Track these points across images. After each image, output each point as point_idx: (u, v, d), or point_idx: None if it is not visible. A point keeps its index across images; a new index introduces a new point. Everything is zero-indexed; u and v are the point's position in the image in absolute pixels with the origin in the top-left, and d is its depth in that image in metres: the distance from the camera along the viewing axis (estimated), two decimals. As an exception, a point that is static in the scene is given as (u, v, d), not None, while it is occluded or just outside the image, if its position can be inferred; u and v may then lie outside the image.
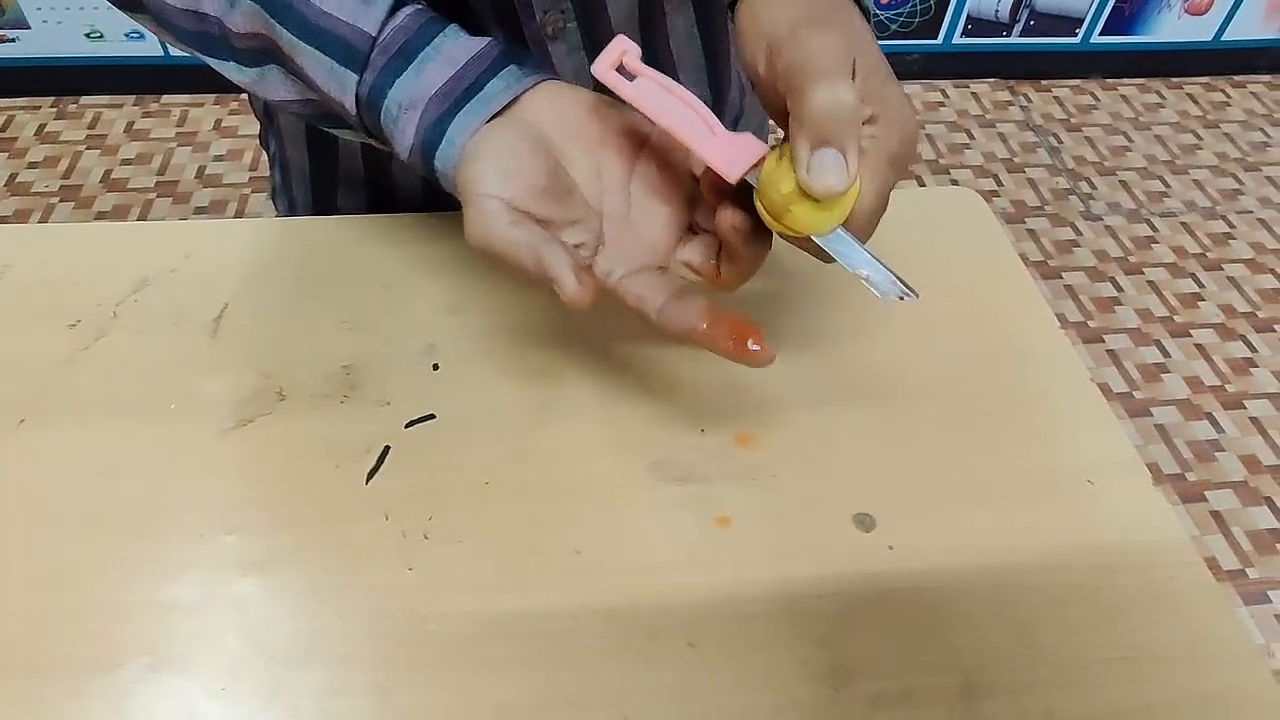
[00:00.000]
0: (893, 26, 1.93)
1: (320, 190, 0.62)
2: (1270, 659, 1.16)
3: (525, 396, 0.46)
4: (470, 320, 0.49)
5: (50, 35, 1.77)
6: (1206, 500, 1.32)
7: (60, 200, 1.66)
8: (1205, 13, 1.98)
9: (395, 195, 0.60)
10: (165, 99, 1.87)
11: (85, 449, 0.43)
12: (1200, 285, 1.63)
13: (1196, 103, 2.03)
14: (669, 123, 0.35)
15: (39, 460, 0.42)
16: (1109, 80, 2.07)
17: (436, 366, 0.47)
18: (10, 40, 1.77)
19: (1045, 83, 2.05)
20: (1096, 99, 2.03)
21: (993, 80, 2.05)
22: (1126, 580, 0.40)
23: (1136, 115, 1.99)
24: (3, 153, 1.74)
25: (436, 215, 0.54)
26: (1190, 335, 1.55)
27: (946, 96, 2.01)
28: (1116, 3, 1.94)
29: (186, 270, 0.51)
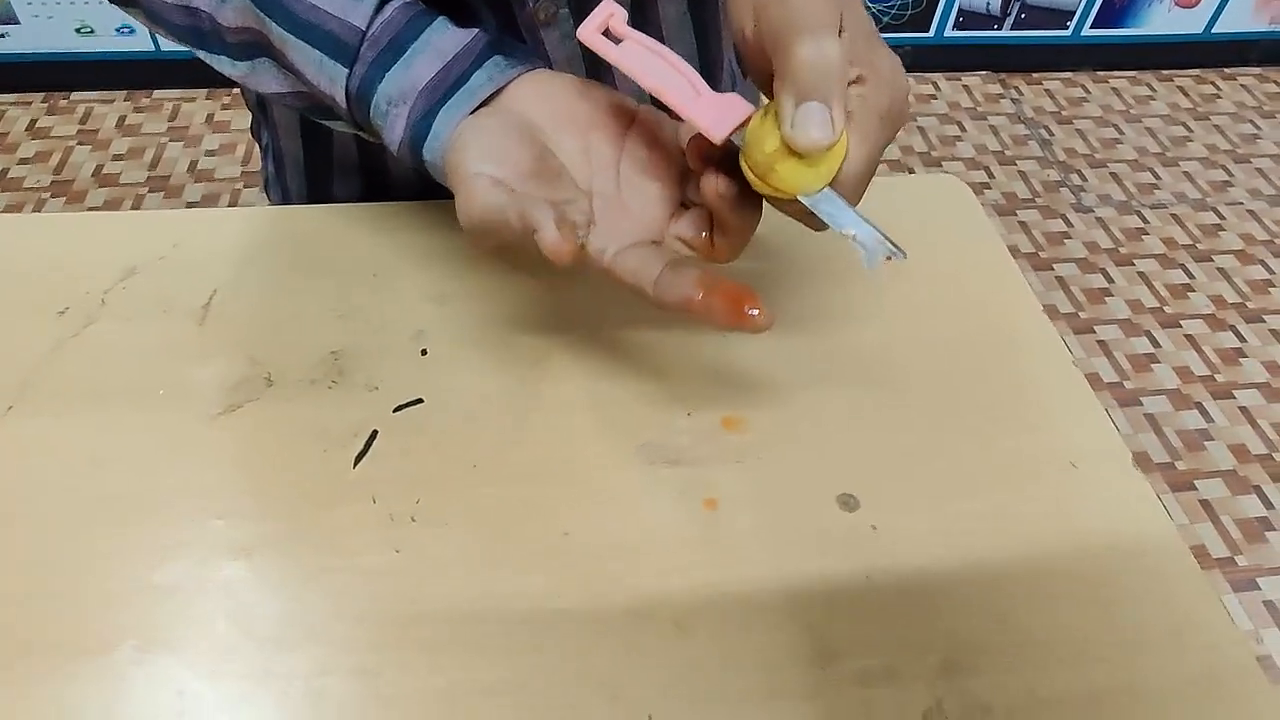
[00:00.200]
0: (884, 20, 1.94)
1: (315, 180, 0.62)
2: (1259, 645, 1.17)
3: (513, 381, 0.46)
4: (459, 307, 0.49)
5: (41, 30, 1.77)
6: (1196, 489, 1.33)
7: (52, 195, 1.65)
8: (1195, 5, 1.99)
9: (390, 183, 0.60)
10: (157, 94, 1.87)
11: (74, 436, 0.43)
12: (1190, 276, 1.64)
13: (1187, 95, 2.04)
14: (654, 84, 0.35)
15: (27, 447, 0.43)
16: (1100, 73, 2.08)
17: (425, 352, 0.47)
18: (0, 36, 1.76)
19: (1036, 75, 2.06)
20: (1087, 92, 2.03)
21: (984, 73, 2.06)
22: (1108, 562, 0.41)
23: (1127, 108, 2.00)
24: (-7, 148, 1.74)
25: (426, 203, 0.54)
26: (1180, 326, 1.56)
27: (938, 89, 2.01)
28: (1107, -5, 1.95)
29: (175, 258, 0.51)
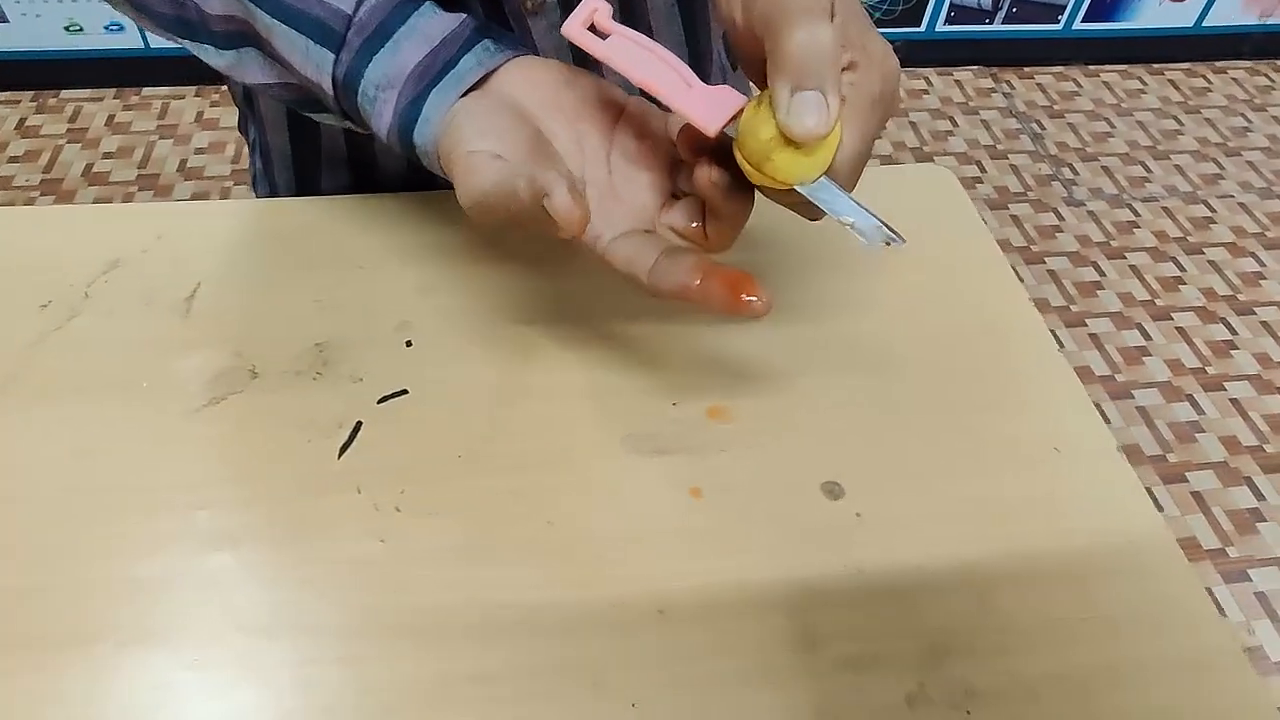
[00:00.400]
0: (876, 15, 1.94)
1: (303, 174, 0.62)
2: (1251, 636, 1.18)
3: (498, 372, 0.46)
4: (444, 299, 0.49)
5: (29, 28, 1.76)
6: (1187, 481, 1.34)
7: (41, 194, 1.65)
8: (1186, -1, 1.99)
9: (378, 177, 0.60)
10: (146, 91, 1.86)
11: (57, 428, 0.43)
12: (1181, 269, 1.65)
13: (1178, 89, 2.04)
14: (644, 79, 0.34)
15: (11, 440, 0.42)
16: (1091, 67, 2.08)
17: (410, 343, 0.47)
18: (-11, 34, 1.76)
19: (1028, 70, 2.06)
20: (1079, 85, 2.03)
21: (976, 68, 2.06)
22: (1091, 546, 0.41)
23: (1118, 101, 2.00)
24: (-18, 147, 1.73)
25: (410, 195, 0.54)
26: (1171, 318, 1.56)
27: (930, 84, 2.01)
28: (1098, -11, 1.95)
29: (158, 251, 0.51)
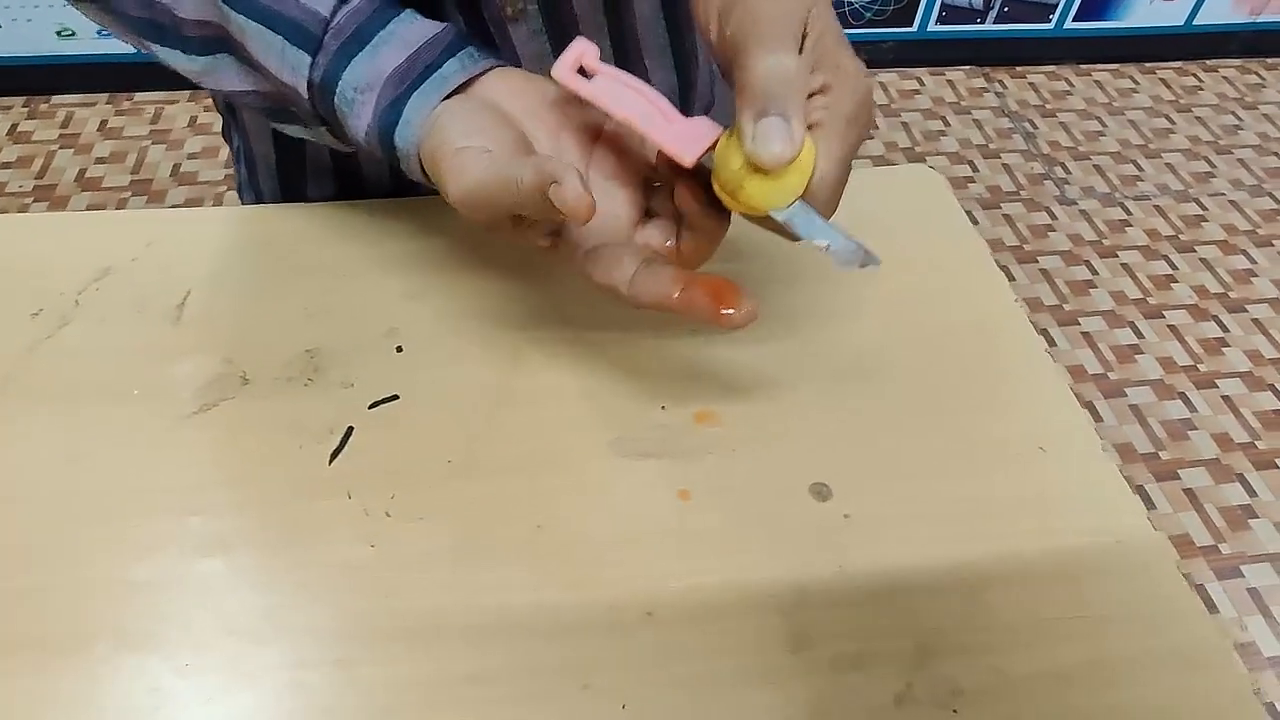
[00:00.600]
0: (868, 15, 1.94)
1: (288, 183, 0.62)
2: (1243, 632, 1.18)
3: (488, 376, 0.46)
4: (433, 304, 0.49)
5: (20, 34, 1.76)
6: (1179, 478, 1.34)
7: (34, 200, 1.64)
8: (1176, -2, 2.00)
9: (364, 185, 0.60)
10: (138, 97, 1.86)
11: (49, 436, 0.43)
12: (1173, 267, 1.65)
13: (1169, 87, 2.05)
14: (624, 114, 0.35)
15: (3, 447, 0.43)
16: (1083, 66, 2.08)
17: (400, 349, 0.47)
18: (-20, 40, 1.76)
19: (1020, 69, 2.06)
20: (1070, 85, 2.04)
21: (968, 67, 2.06)
22: (1076, 543, 0.41)
23: (1110, 100, 2.01)
24: (-25, 154, 1.73)
25: (399, 201, 0.54)
26: (1163, 316, 1.56)
27: (922, 84, 2.02)
28: (1088, -12, 1.96)
29: (149, 258, 0.51)
